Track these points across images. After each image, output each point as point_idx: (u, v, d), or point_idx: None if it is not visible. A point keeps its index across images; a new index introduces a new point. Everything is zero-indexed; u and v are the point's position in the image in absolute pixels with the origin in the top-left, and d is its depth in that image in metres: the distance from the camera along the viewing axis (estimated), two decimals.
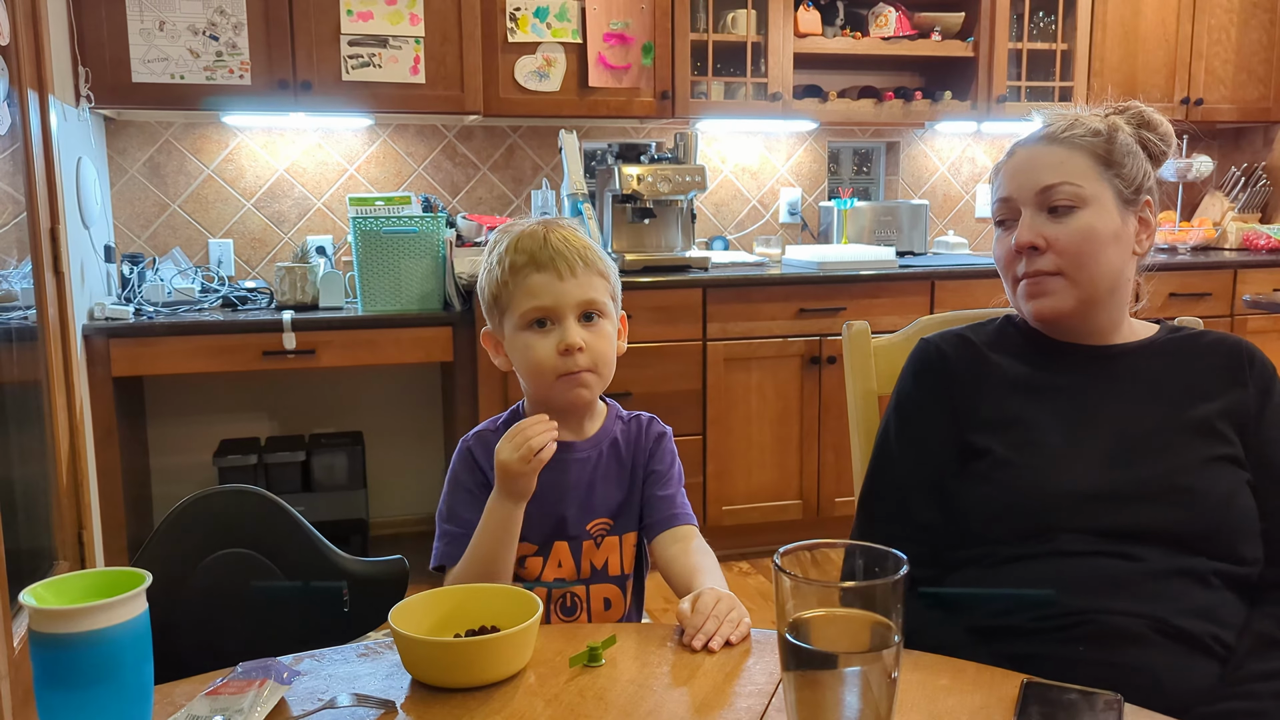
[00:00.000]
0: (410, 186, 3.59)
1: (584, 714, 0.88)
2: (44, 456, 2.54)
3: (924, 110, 3.71)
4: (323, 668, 0.96)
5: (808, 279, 3.32)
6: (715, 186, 3.90)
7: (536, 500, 1.22)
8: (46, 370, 2.52)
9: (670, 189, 3.28)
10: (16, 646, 2.07)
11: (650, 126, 3.79)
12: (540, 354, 1.25)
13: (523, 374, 1.29)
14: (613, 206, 3.37)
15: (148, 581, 0.77)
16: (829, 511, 3.42)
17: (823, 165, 4.02)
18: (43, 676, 0.75)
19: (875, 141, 4.11)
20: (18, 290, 2.38)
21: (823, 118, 3.67)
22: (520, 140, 3.69)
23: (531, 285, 1.24)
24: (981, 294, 3.41)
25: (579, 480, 1.30)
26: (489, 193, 3.69)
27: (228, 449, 3.30)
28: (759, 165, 3.95)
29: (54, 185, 2.56)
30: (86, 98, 2.89)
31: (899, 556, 0.77)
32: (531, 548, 1.27)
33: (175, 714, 0.85)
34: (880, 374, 1.52)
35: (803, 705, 0.76)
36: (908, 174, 4.12)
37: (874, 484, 1.31)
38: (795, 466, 3.40)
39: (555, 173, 3.71)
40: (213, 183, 3.41)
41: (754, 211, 3.97)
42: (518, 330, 1.26)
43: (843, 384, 3.38)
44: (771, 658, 0.99)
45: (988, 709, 0.88)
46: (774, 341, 3.30)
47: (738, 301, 3.26)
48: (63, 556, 2.60)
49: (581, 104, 3.36)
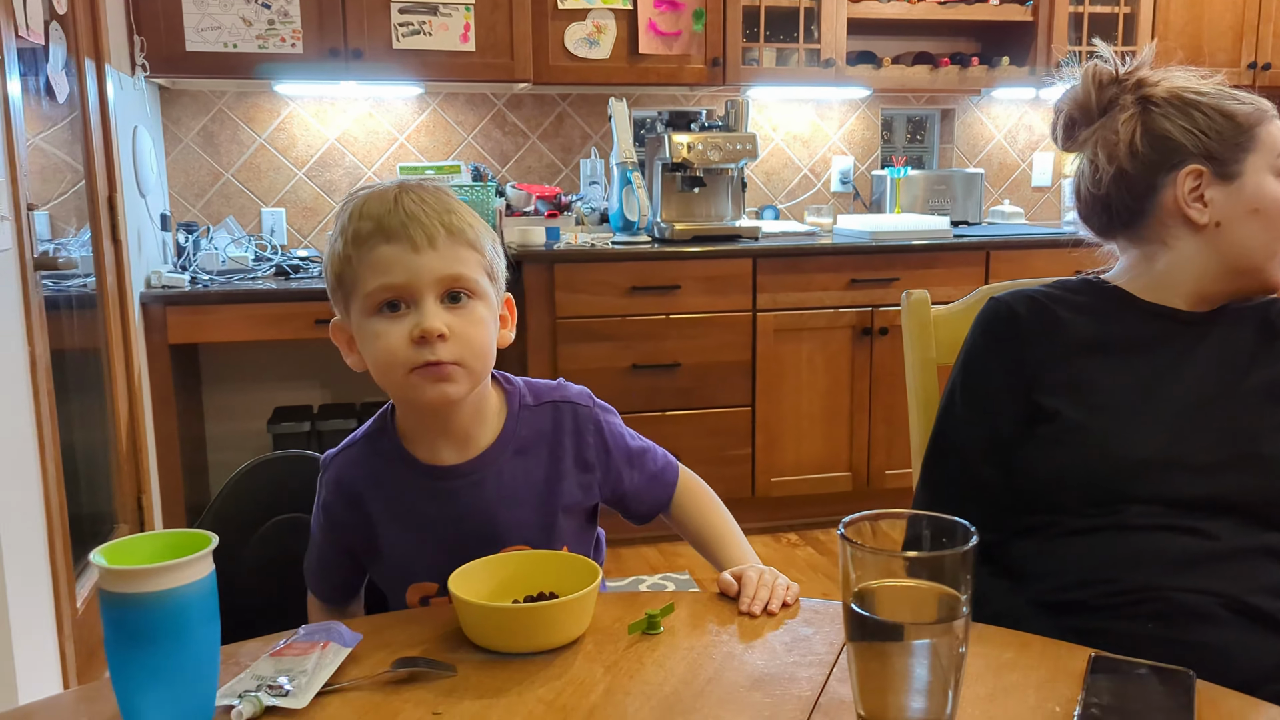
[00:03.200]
0: (459, 156, 3.59)
1: (643, 680, 0.87)
2: (104, 422, 2.59)
3: (980, 76, 3.63)
4: (382, 631, 0.97)
5: (860, 249, 3.28)
6: (766, 155, 3.86)
7: (418, 536, 1.07)
8: (106, 337, 2.57)
9: (720, 157, 3.25)
10: (80, 608, 2.12)
11: (700, 94, 3.75)
12: (392, 342, 1.00)
13: (374, 371, 1.03)
14: (662, 175, 3.34)
15: (214, 543, 0.78)
16: (879, 484, 3.39)
17: (875, 133, 3.95)
18: (113, 635, 0.76)
19: (930, 108, 4.03)
20: (78, 258, 2.41)
21: (876, 84, 3.60)
22: (569, 108, 3.67)
23: (379, 259, 1.00)
24: (1039, 264, 3.34)
25: (474, 509, 1.08)
26: (538, 162, 3.68)
27: (281, 416, 3.34)
28: (810, 133, 3.90)
29: (111, 154, 2.59)
30: (142, 66, 2.92)
31: (968, 527, 0.75)
32: (432, 587, 1.09)
33: (240, 674, 0.86)
34: (939, 343, 1.49)
35: (867, 677, 0.75)
36: (963, 142, 4.04)
37: (937, 447, 1.29)
38: (845, 438, 3.38)
39: (604, 141, 3.69)
40: (265, 152, 3.44)
41: (805, 180, 3.92)
42: (365, 316, 1.01)
43: (895, 355, 3.36)
44: (831, 628, 0.97)
45: (1054, 682, 0.86)
46: (825, 312, 3.27)
47: (788, 271, 3.22)
48: (122, 520, 2.66)
49: (631, 71, 3.33)
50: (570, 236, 3.27)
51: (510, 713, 0.82)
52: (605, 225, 3.50)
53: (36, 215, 2.06)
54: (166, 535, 0.81)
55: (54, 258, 1.97)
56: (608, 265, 3.08)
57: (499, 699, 0.84)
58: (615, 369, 3.13)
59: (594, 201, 3.57)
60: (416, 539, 1.08)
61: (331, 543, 1.13)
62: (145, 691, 0.77)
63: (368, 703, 0.84)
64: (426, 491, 1.08)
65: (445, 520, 1.07)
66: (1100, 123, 1.24)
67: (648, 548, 3.19)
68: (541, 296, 3.05)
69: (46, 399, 1.91)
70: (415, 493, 1.08)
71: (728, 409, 3.26)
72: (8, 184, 1.77)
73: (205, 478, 3.43)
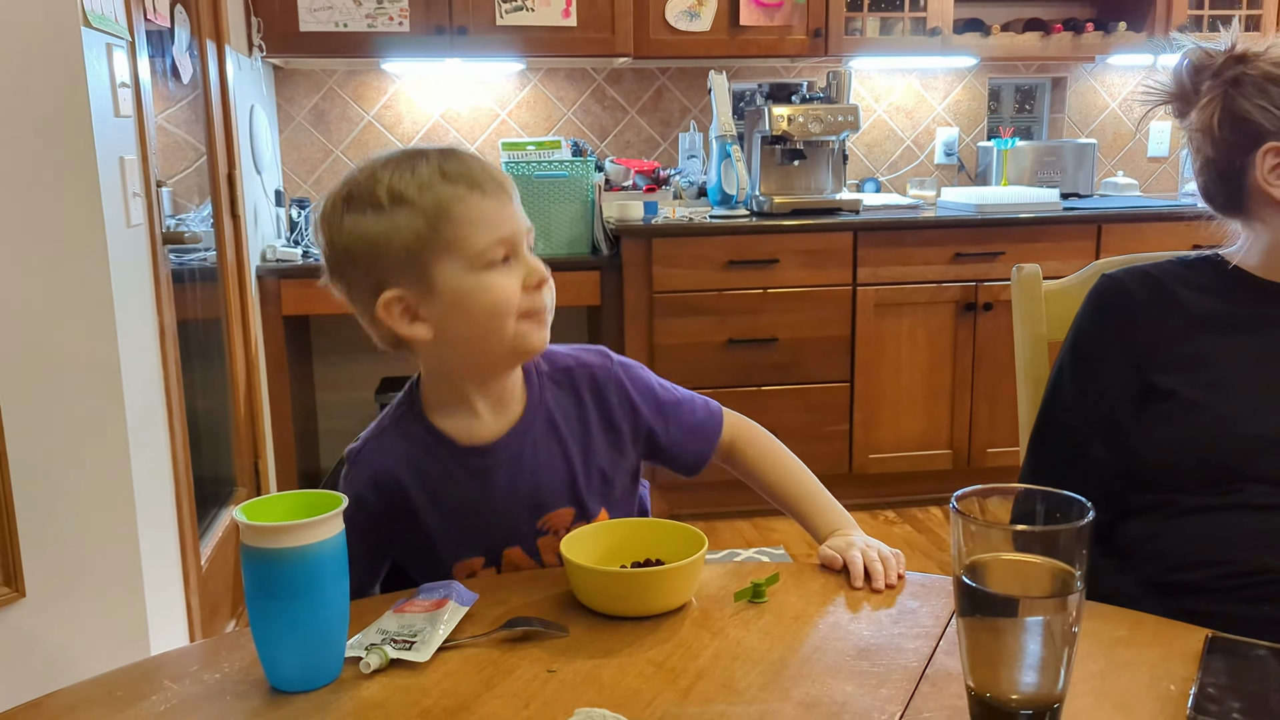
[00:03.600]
0: (560, 131, 3.62)
1: (749, 648, 0.89)
2: (224, 390, 2.71)
3: (1095, 43, 3.51)
4: (497, 592, 1.00)
5: (964, 222, 3.21)
6: (868, 126, 3.80)
7: (461, 516, 1.08)
8: (225, 308, 2.68)
9: (821, 129, 3.21)
10: (204, 565, 2.23)
11: (801, 65, 3.71)
12: (508, 292, 1.01)
13: (477, 325, 1.02)
14: (761, 148, 3.32)
15: (345, 503, 0.82)
16: (980, 462, 3.34)
17: (982, 103, 3.86)
18: (253, 587, 0.81)
19: (1040, 77, 3.92)
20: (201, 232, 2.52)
21: (984, 53, 3.51)
22: (669, 82, 3.67)
23: (485, 215, 1.00)
24: (1153, 238, 3.23)
25: (514, 482, 1.09)
26: (637, 136, 3.69)
27: (388, 386, 3.44)
28: (914, 104, 3.82)
29: (231, 132, 2.69)
30: (258, 47, 3.02)
31: (1083, 502, 0.74)
32: (478, 562, 1.10)
33: (366, 628, 0.90)
34: (1050, 319, 1.46)
35: (978, 650, 0.75)
36: (1075, 111, 3.92)
37: (1045, 425, 1.27)
38: (946, 416, 3.33)
39: (703, 115, 3.69)
40: (372, 129, 3.53)
41: (908, 152, 3.86)
42: (471, 272, 1.00)
43: (999, 331, 3.30)
44: (936, 601, 0.98)
45: (1168, 662, 0.85)
46: (927, 287, 3.22)
47: (890, 245, 3.18)
48: (241, 484, 2.78)
49: (732, 44, 3.31)
50: (668, 211, 3.28)
51: (621, 672, 0.85)
52: (703, 199, 3.50)
53: (163, 192, 2.16)
54: (298, 495, 0.85)
55: (180, 232, 2.06)
56: (705, 239, 3.08)
57: (610, 659, 0.87)
58: (712, 343, 3.14)
59: (692, 175, 3.57)
60: (460, 519, 1.09)
61: (360, 538, 0.94)
62: (282, 640, 0.82)
63: (485, 659, 0.88)
64: (466, 471, 1.08)
65: (487, 497, 1.08)
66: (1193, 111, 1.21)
67: (743, 522, 3.20)
68: (639, 271, 3.07)
69: (173, 367, 2.01)
70: (456, 474, 1.08)
71: (825, 384, 3.24)
72: (139, 162, 1.86)
73: (316, 445, 3.56)
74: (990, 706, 0.74)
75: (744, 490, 1.28)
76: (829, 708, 0.79)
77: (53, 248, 1.61)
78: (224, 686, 0.84)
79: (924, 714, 0.79)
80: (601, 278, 3.12)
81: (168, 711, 0.81)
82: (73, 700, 0.83)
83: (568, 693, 0.82)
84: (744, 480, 1.24)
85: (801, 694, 0.81)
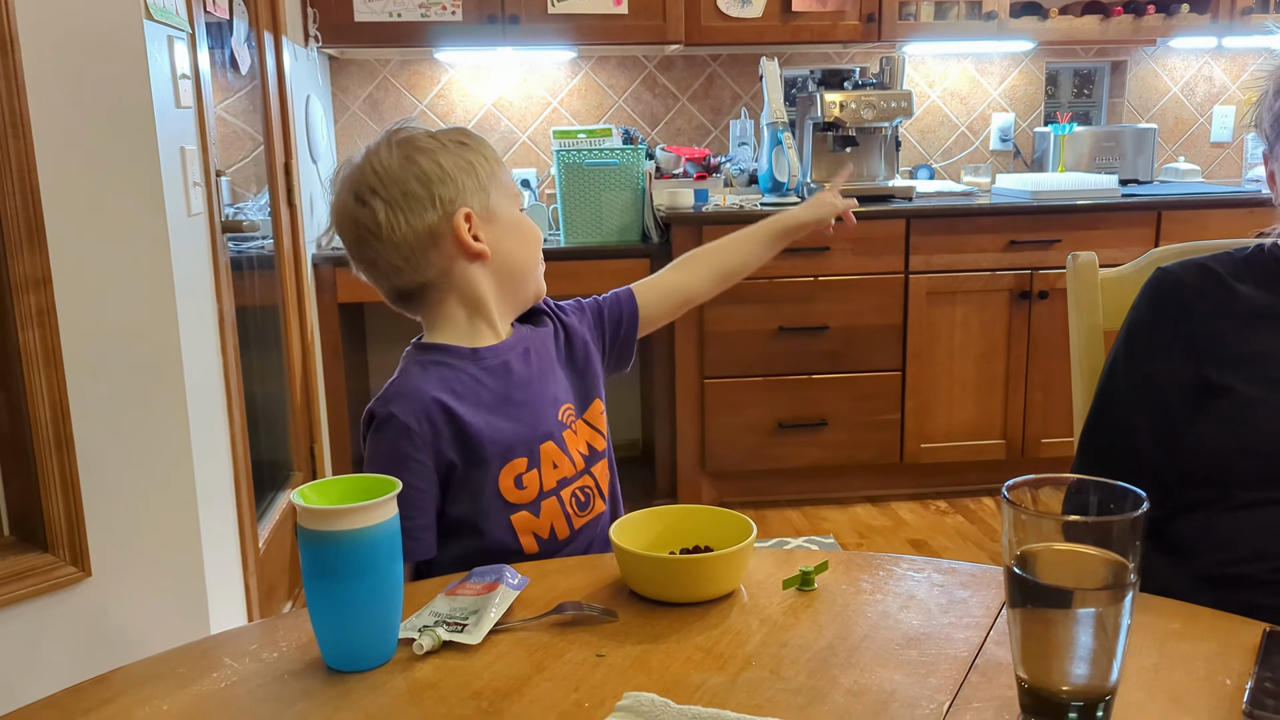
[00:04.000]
0: (611, 119, 3.63)
1: (798, 634, 0.89)
2: (281, 376, 2.76)
3: (1157, 25, 3.43)
4: (547, 577, 1.02)
5: (1019, 209, 3.17)
6: (921, 112, 3.76)
7: (496, 413, 1.18)
8: (282, 295, 2.73)
9: (874, 116, 3.18)
10: (261, 548, 2.28)
11: (854, 51, 3.68)
12: (539, 229, 1.29)
13: (518, 254, 1.24)
14: (813, 135, 3.30)
15: (399, 488, 0.84)
16: (1034, 452, 3.30)
17: (1039, 88, 3.79)
18: (309, 568, 0.82)
19: (1099, 61, 3.84)
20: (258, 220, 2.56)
21: (1041, 37, 3.45)
22: (720, 69, 3.65)
23: (502, 168, 1.25)
24: (1215, 225, 3.16)
25: (527, 374, 1.23)
26: (688, 123, 3.69)
27: None
28: (969, 89, 3.77)
29: (288, 122, 2.74)
30: (314, 38, 3.06)
31: (1138, 493, 0.73)
32: (523, 463, 1.19)
33: (419, 610, 0.92)
34: (1106, 308, 1.44)
35: (1029, 641, 0.75)
36: (1135, 95, 3.84)
37: (1098, 420, 1.26)
38: (999, 405, 3.29)
39: (755, 102, 3.67)
40: (425, 118, 3.56)
41: (962, 138, 3.81)
42: (516, 208, 1.25)
43: (1055, 320, 3.25)
44: (987, 592, 0.97)
45: (1224, 655, 0.84)
46: (981, 275, 3.18)
47: (943, 233, 3.15)
48: (297, 468, 2.84)
49: (784, 30, 3.29)
50: (719, 198, 3.27)
51: (670, 657, 0.86)
52: (754, 186, 3.48)
53: (222, 181, 2.20)
54: (354, 479, 0.87)
55: (238, 221, 2.11)
56: None
57: (659, 644, 0.88)
58: (762, 331, 3.13)
59: (743, 163, 3.56)
60: (497, 416, 1.19)
61: (420, 476, 1.15)
62: (337, 621, 0.83)
63: (535, 642, 0.89)
64: (487, 371, 1.20)
65: (511, 389, 1.21)
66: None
67: (792, 510, 3.20)
68: None
69: (232, 353, 2.06)
70: (480, 376, 1.20)
71: (877, 373, 3.22)
72: (199, 152, 1.90)
73: None
74: (1041, 697, 0.74)
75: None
76: (877, 696, 0.79)
77: (116, 236, 1.66)
78: (282, 665, 0.86)
79: (973, 704, 0.78)
80: (652, 265, 3.12)
81: (228, 688, 0.83)
82: (138, 676, 0.86)
83: (616, 677, 0.83)
84: (711, 274, 1.42)
85: (850, 682, 0.81)
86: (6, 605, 1.58)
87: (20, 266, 1.55)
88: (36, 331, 1.57)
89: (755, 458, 3.19)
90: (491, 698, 0.80)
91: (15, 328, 1.55)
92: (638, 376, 3.74)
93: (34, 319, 1.57)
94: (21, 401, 1.58)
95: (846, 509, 3.22)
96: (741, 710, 0.76)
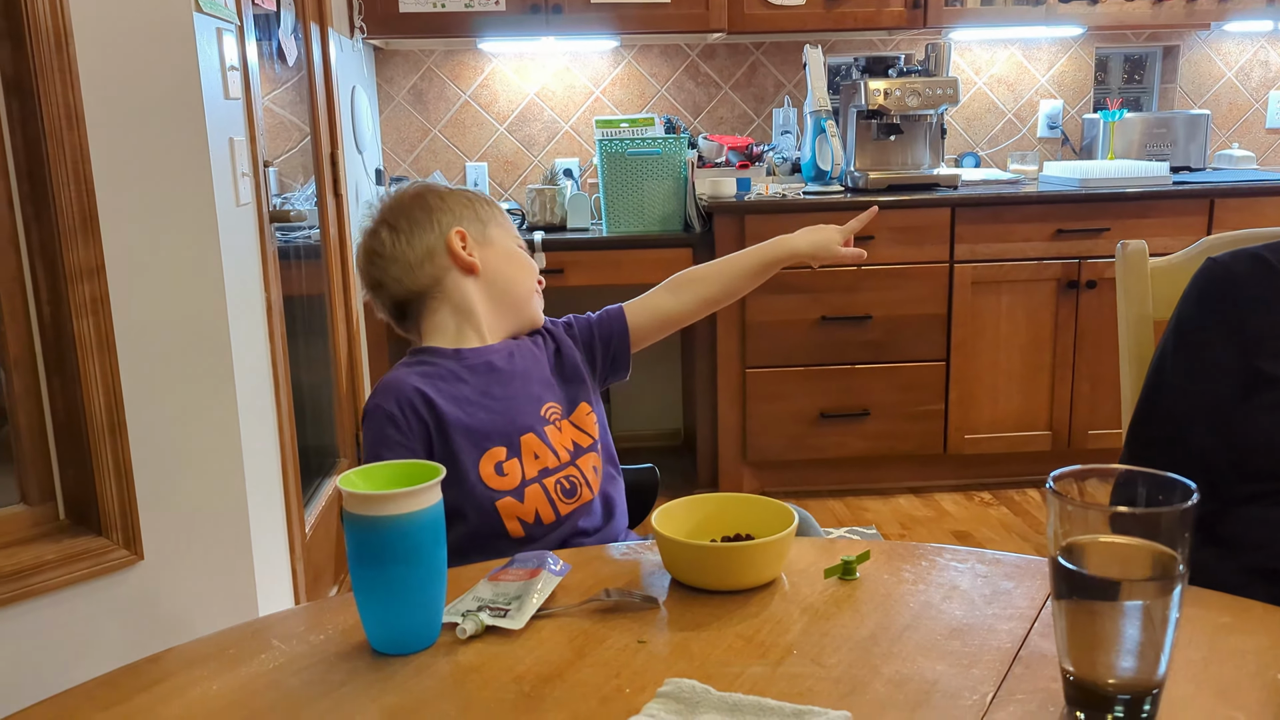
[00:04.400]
0: (653, 108, 3.62)
1: (840, 624, 0.89)
2: (327, 364, 2.79)
3: (1211, 9, 3.36)
4: (589, 564, 1.02)
5: (1067, 197, 3.12)
6: (967, 99, 3.71)
7: (476, 407, 1.27)
8: (328, 285, 2.76)
9: (919, 103, 3.15)
10: (308, 532, 2.31)
11: (899, 38, 3.64)
12: (533, 265, 1.41)
13: (508, 276, 1.36)
14: (857, 123, 3.27)
15: (442, 474, 0.85)
16: (1080, 444, 3.25)
17: (1088, 74, 3.73)
18: (355, 552, 0.84)
19: (1150, 46, 3.76)
20: (305, 210, 2.60)
21: (1091, 22, 3.39)
22: (763, 57, 3.63)
23: (509, 224, 1.42)
24: (1270, 212, 3.09)
25: (509, 372, 1.32)
26: (730, 112, 3.67)
27: None
28: (1016, 76, 3.72)
29: (334, 113, 2.76)
30: (360, 29, 3.09)
31: (1187, 484, 0.72)
32: (502, 451, 1.27)
33: (462, 595, 0.93)
34: (1156, 297, 1.41)
35: (1076, 633, 0.74)
36: (1187, 81, 3.76)
37: (1147, 411, 1.24)
38: (1045, 396, 3.25)
39: (798, 90, 3.64)
40: (469, 108, 3.58)
41: (1009, 126, 3.75)
42: (512, 242, 1.39)
43: (1103, 310, 3.20)
44: (1031, 583, 0.96)
45: (1275, 650, 0.82)
46: (1027, 264, 3.14)
47: (989, 221, 3.11)
48: (343, 455, 2.87)
49: (828, 17, 3.26)
50: (761, 187, 3.25)
51: (711, 645, 0.86)
52: (797, 175, 3.46)
53: (269, 171, 2.23)
54: (398, 465, 0.88)
55: (286, 210, 2.13)
56: (798, 216, 3.05)
57: (699, 632, 0.88)
58: (805, 321, 3.12)
59: (786, 151, 3.54)
60: (477, 409, 1.27)
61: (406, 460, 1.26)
62: (382, 604, 0.85)
63: (577, 628, 0.89)
64: (470, 370, 1.30)
65: (492, 386, 1.29)
66: None
67: (834, 501, 3.18)
68: (731, 248, 3.03)
69: (279, 341, 2.08)
70: (462, 374, 1.29)
71: (920, 363, 3.19)
72: (247, 143, 1.92)
73: None
74: (1086, 690, 0.73)
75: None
76: (919, 685, 0.79)
77: (167, 226, 1.68)
78: (328, 647, 0.88)
79: (1017, 695, 0.78)
80: (694, 255, 3.12)
81: (276, 669, 0.84)
82: (190, 656, 0.88)
83: (657, 663, 0.83)
84: (697, 300, 1.46)
85: (891, 671, 0.81)
86: (63, 587, 1.62)
87: (74, 256, 1.58)
88: (90, 320, 1.60)
89: (797, 448, 3.18)
90: (534, 682, 0.81)
91: (70, 316, 1.59)
92: (679, 367, 3.74)
93: (88, 307, 1.60)
94: (76, 388, 1.61)
95: (889, 500, 3.20)
96: (783, 698, 0.76)
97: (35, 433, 1.64)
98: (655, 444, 3.76)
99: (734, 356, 3.15)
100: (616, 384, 1.46)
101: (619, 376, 1.44)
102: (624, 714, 0.75)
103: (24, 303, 1.60)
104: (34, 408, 1.63)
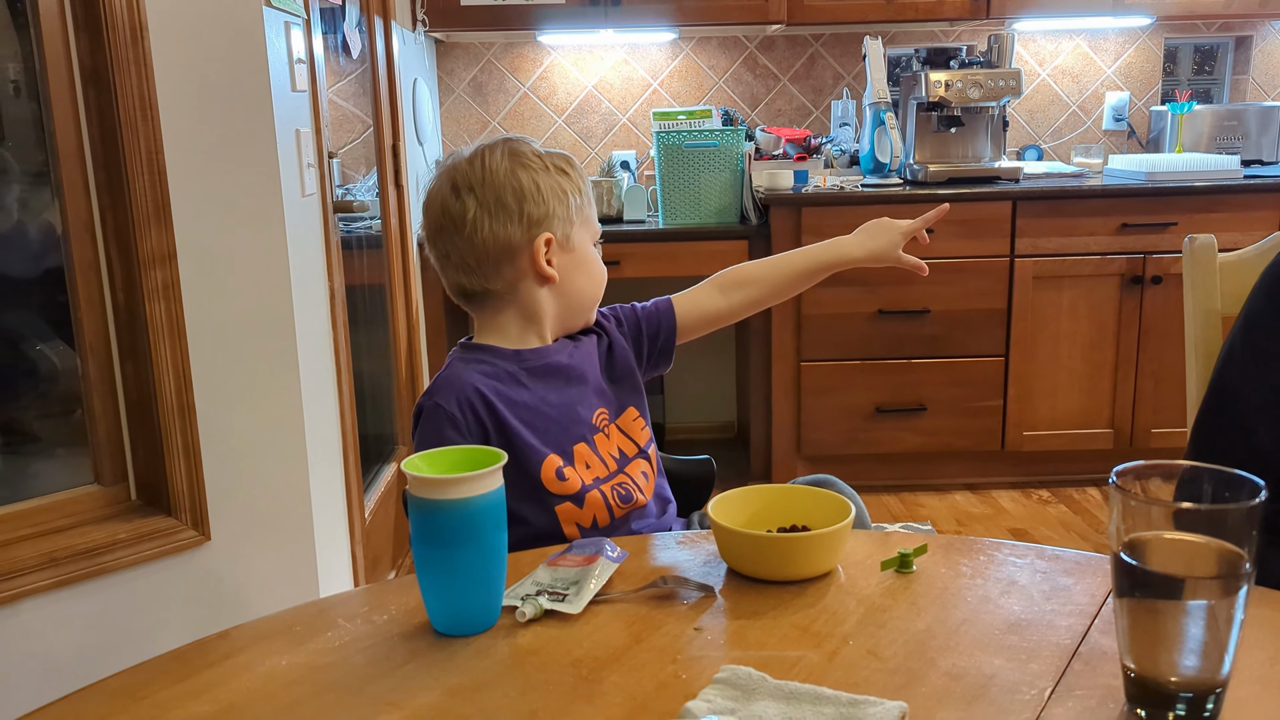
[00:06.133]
0: (711, 100, 3.62)
1: (897, 616, 0.89)
2: (387, 353, 2.84)
3: None
4: (646, 551, 1.03)
5: (1133, 191, 3.06)
6: (1030, 91, 3.65)
7: (534, 412, 1.24)
8: (389, 274, 2.80)
9: (981, 95, 3.11)
10: (368, 517, 2.35)
11: (961, 29, 3.59)
12: (605, 272, 1.35)
13: (582, 286, 1.31)
14: (917, 115, 3.24)
15: (504, 459, 0.86)
16: (1143, 443, 3.19)
17: (1156, 65, 3.65)
18: (418, 535, 0.86)
19: (1222, 36, 3.67)
20: (367, 201, 2.64)
21: (1159, 11, 3.32)
22: (822, 49, 3.61)
23: (593, 212, 1.34)
24: None
25: (564, 378, 1.29)
26: (788, 104, 3.65)
27: None
28: (1081, 67, 3.65)
29: (396, 105, 2.80)
30: (422, 22, 3.12)
31: (1255, 482, 0.71)
32: (558, 459, 1.24)
33: (521, 579, 0.95)
34: (1225, 293, 1.39)
35: (1137, 631, 0.73)
36: (1260, 72, 3.66)
37: (1213, 409, 1.21)
38: (1108, 394, 3.19)
39: (857, 82, 3.61)
40: (528, 100, 3.61)
41: (1073, 118, 3.69)
42: (591, 244, 1.32)
43: (1169, 306, 3.14)
44: (1092, 579, 0.95)
45: None
46: (1091, 259, 3.08)
47: (1051, 215, 3.06)
48: (402, 442, 2.92)
49: (888, 8, 3.23)
50: (819, 180, 3.24)
51: (767, 634, 0.86)
52: (855, 168, 3.44)
53: (333, 163, 2.27)
54: (461, 450, 0.90)
55: (349, 201, 2.17)
56: (856, 209, 3.03)
57: (755, 620, 0.89)
58: (861, 314, 3.10)
59: (844, 144, 3.51)
60: (534, 415, 1.24)
61: None
62: (443, 586, 0.86)
63: (634, 614, 0.91)
64: (528, 372, 1.26)
65: (548, 390, 1.27)
66: None
67: (889, 496, 3.16)
68: (788, 240, 3.05)
69: (342, 330, 2.12)
70: (519, 376, 1.26)
71: (979, 358, 3.15)
72: (313, 134, 1.96)
73: None
74: (1148, 687, 0.73)
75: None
76: (976, 679, 0.79)
77: (235, 215, 1.73)
78: (391, 628, 0.90)
79: (1076, 691, 0.77)
80: (750, 247, 3.12)
81: (340, 647, 0.87)
82: (257, 633, 0.91)
83: (713, 650, 0.84)
84: (745, 302, 1.45)
85: (948, 665, 0.81)
86: (134, 565, 1.67)
87: (148, 242, 1.63)
88: (162, 304, 1.65)
89: (851, 442, 3.16)
90: (591, 665, 0.82)
91: (143, 300, 1.64)
92: (733, 359, 3.74)
93: (160, 292, 1.65)
94: (149, 371, 1.66)
95: (945, 496, 3.17)
96: (838, 688, 0.76)
97: (109, 416, 1.69)
98: (708, 436, 3.76)
99: (789, 349, 3.14)
100: (668, 374, 1.45)
101: (662, 368, 1.43)
102: (680, 699, 0.76)
103: (100, 289, 1.65)
104: (108, 391, 1.68)
